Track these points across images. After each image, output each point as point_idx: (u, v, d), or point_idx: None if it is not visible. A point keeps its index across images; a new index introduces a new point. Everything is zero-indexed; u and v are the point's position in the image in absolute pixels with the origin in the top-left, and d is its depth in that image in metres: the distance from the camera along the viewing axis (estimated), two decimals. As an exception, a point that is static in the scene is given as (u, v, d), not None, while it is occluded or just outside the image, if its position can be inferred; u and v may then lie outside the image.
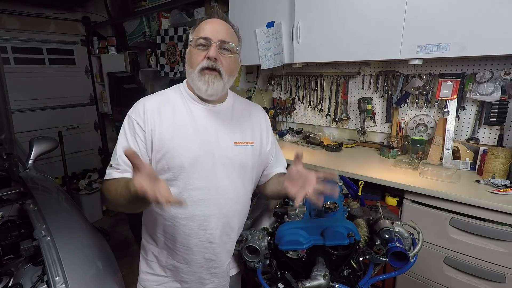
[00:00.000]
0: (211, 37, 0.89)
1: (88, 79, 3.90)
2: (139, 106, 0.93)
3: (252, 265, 0.92)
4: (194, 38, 0.92)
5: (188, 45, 0.96)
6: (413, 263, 0.85)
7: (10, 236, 1.22)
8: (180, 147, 0.90)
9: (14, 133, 1.40)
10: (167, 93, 0.99)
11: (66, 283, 1.00)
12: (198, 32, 0.92)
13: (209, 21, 0.92)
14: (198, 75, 0.90)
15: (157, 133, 0.90)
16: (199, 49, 0.90)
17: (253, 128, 1.04)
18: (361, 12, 1.66)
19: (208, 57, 0.88)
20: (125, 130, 0.92)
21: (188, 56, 0.95)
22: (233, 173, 0.97)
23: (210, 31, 0.90)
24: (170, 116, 0.92)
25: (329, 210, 0.90)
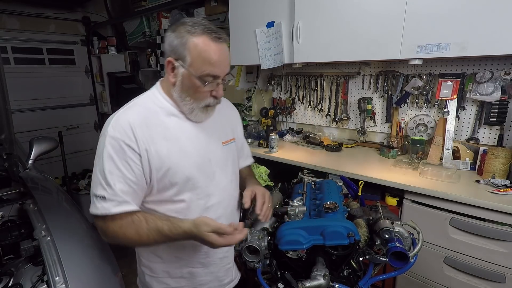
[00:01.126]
0: (221, 75, 0.83)
1: (88, 79, 3.91)
2: (122, 123, 0.80)
3: (252, 265, 0.92)
4: (198, 68, 0.80)
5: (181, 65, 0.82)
6: (413, 263, 0.84)
7: (10, 236, 1.23)
8: (180, 160, 0.86)
9: (14, 133, 1.40)
10: (145, 104, 0.87)
11: (66, 283, 1.00)
12: (204, 63, 0.80)
13: (218, 50, 0.81)
14: (201, 109, 0.87)
15: (153, 151, 0.82)
16: (204, 82, 0.82)
17: (231, 123, 1.06)
18: (361, 12, 1.66)
19: (215, 97, 0.86)
20: (111, 153, 0.79)
21: (184, 82, 0.83)
22: (228, 172, 1.00)
23: (221, 68, 0.82)
24: (160, 130, 0.84)
25: (329, 210, 0.90)
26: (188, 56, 0.80)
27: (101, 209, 0.78)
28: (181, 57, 0.81)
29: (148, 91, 0.92)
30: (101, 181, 0.79)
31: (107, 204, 0.78)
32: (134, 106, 0.86)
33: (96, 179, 0.81)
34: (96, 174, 0.81)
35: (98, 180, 0.80)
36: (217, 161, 0.96)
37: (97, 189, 0.80)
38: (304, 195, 1.03)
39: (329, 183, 1.14)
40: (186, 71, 0.81)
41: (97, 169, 0.81)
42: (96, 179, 0.81)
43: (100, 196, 0.79)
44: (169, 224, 0.80)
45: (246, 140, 2.32)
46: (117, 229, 0.79)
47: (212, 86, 0.84)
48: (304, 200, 0.98)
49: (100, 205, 0.79)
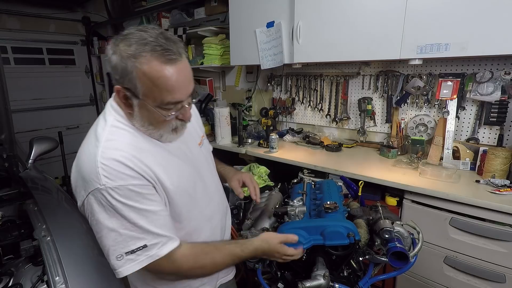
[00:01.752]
0: (184, 98, 0.71)
1: (88, 79, 3.91)
2: (114, 166, 0.67)
3: (252, 265, 0.92)
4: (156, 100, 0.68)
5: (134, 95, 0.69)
6: (413, 263, 0.84)
7: (10, 236, 1.22)
8: (180, 180, 0.80)
9: (14, 133, 1.41)
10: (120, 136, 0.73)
11: (66, 283, 1.00)
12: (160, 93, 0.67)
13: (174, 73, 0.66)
14: (168, 132, 0.77)
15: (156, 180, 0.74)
16: (166, 110, 0.70)
17: (196, 119, 1.00)
18: (361, 12, 1.66)
19: (182, 120, 0.76)
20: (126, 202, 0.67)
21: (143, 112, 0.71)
22: (212, 170, 1.00)
23: (182, 91, 0.70)
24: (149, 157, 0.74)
25: (329, 210, 0.90)
26: (139, 85, 0.67)
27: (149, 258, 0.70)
28: (131, 86, 0.67)
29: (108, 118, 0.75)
30: (131, 235, 0.69)
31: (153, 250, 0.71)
32: (110, 143, 0.70)
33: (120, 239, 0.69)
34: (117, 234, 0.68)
35: (125, 238, 0.69)
36: (202, 165, 0.93)
37: (130, 245, 0.69)
38: (304, 195, 1.03)
39: (329, 183, 1.14)
40: (141, 101, 0.69)
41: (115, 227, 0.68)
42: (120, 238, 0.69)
43: (138, 248, 0.69)
44: (239, 246, 0.83)
45: (245, 141, 2.35)
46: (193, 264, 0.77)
47: (176, 111, 0.73)
48: (304, 200, 0.98)
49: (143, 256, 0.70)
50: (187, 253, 0.77)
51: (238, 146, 2.27)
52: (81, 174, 0.69)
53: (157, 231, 0.71)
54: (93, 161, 0.67)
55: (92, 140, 0.73)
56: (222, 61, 2.65)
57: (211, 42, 2.62)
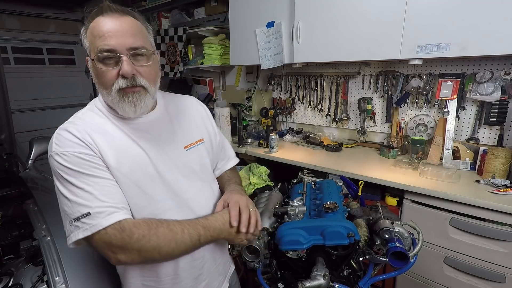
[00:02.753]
0: (117, 47, 0.70)
1: (88, 79, 3.90)
2: (65, 136, 0.71)
3: (252, 265, 0.92)
4: (93, 49, 0.71)
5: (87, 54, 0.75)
6: (413, 263, 0.84)
7: (10, 236, 1.22)
8: (132, 172, 0.75)
9: (14, 133, 1.41)
10: (85, 117, 0.77)
11: (66, 283, 1.00)
12: (95, 40, 0.70)
13: (105, 21, 0.70)
14: (118, 97, 0.73)
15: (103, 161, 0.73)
16: (106, 64, 0.71)
17: (196, 123, 0.94)
18: (361, 12, 1.66)
19: (123, 76, 0.72)
20: (72, 168, 0.68)
21: (93, 72, 0.75)
22: (196, 179, 0.89)
23: (114, 38, 0.70)
24: (104, 138, 0.74)
25: (329, 210, 0.90)
26: (87, 44, 0.74)
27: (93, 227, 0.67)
28: (87, 50, 0.75)
29: (91, 101, 0.84)
30: (77, 201, 0.68)
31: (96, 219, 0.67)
32: (74, 120, 0.77)
33: (70, 205, 0.68)
34: (66, 200, 0.69)
35: (73, 204, 0.68)
36: (180, 168, 0.84)
37: (74, 212, 0.68)
38: (304, 195, 1.03)
39: (329, 183, 1.14)
40: (91, 60, 0.74)
41: (65, 192, 0.69)
42: (70, 204, 0.68)
43: (82, 216, 0.67)
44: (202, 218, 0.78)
45: (245, 141, 2.34)
46: (145, 232, 0.69)
47: (114, 63, 0.72)
48: (304, 200, 0.98)
49: (87, 225, 0.67)
50: (138, 222, 0.71)
51: (238, 146, 2.27)
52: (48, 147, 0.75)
53: (103, 199, 0.69)
54: (55, 133, 0.74)
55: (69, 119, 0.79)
56: (222, 61, 2.65)
57: (211, 42, 2.62)
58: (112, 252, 0.70)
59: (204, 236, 0.76)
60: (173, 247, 0.72)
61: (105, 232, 0.68)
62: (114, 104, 0.75)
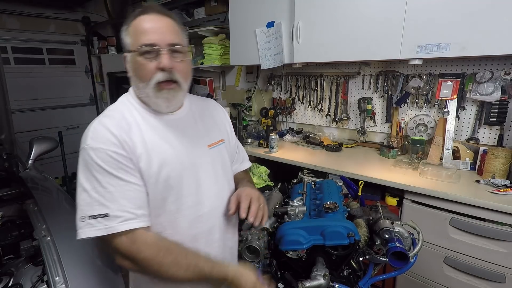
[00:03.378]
0: (159, 42, 0.76)
1: (88, 79, 3.91)
2: (101, 132, 0.73)
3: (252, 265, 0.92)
4: (135, 44, 0.77)
5: (125, 50, 0.81)
6: (413, 263, 0.85)
7: (10, 236, 1.22)
8: (162, 168, 0.78)
9: (14, 133, 1.41)
10: (119, 111, 0.80)
11: (66, 283, 1.00)
12: (137, 35, 0.76)
13: (149, 19, 0.77)
14: (154, 91, 0.78)
15: (137, 158, 0.75)
16: (147, 58, 0.76)
17: (218, 124, 1.00)
18: (361, 12, 1.66)
19: (162, 69, 0.76)
20: (102, 166, 0.70)
21: (132, 65, 0.79)
22: (218, 177, 0.92)
23: (156, 34, 0.76)
24: (138, 135, 0.77)
25: (329, 210, 0.90)
26: (128, 40, 0.79)
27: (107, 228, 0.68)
28: (127, 45, 0.80)
29: (123, 95, 0.86)
30: (98, 199, 0.69)
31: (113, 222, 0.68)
32: (108, 113, 0.79)
33: (89, 200, 0.69)
34: (87, 195, 0.70)
35: (93, 200, 0.69)
36: (203, 166, 0.88)
37: (92, 209, 0.69)
38: (304, 195, 1.03)
39: (329, 183, 1.14)
40: (130, 53, 0.79)
41: (88, 187, 0.70)
42: (89, 200, 0.69)
43: (100, 215, 0.68)
44: (210, 264, 0.73)
45: (245, 141, 2.34)
46: (153, 257, 0.70)
47: (154, 57, 0.76)
48: (304, 200, 0.98)
49: (102, 224, 0.68)
50: (150, 241, 0.72)
51: (238, 146, 2.27)
52: (82, 138, 0.76)
53: (124, 203, 0.70)
54: (91, 125, 0.75)
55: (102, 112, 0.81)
56: (222, 61, 2.65)
57: (211, 42, 2.62)
58: (117, 255, 0.72)
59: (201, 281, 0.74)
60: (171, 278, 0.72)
61: (116, 237, 0.69)
62: (149, 98, 0.80)
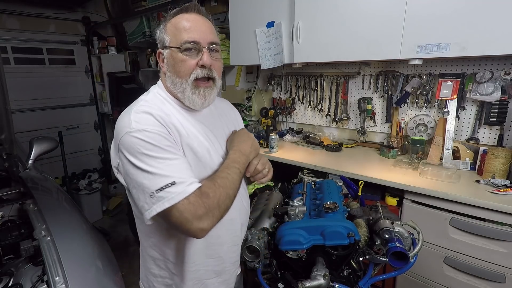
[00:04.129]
0: (201, 40, 0.80)
1: (88, 79, 3.90)
2: (145, 116, 0.75)
3: (252, 265, 0.92)
4: (176, 41, 0.80)
5: (163, 47, 0.83)
6: (413, 263, 0.85)
7: (10, 236, 1.22)
8: (204, 158, 0.82)
9: (14, 133, 1.41)
10: (154, 103, 0.82)
11: (66, 283, 1.00)
12: (179, 33, 0.80)
13: (190, 18, 0.81)
14: (191, 87, 0.81)
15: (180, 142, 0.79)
16: (187, 54, 0.79)
17: (233, 122, 1.04)
18: (361, 12, 1.66)
19: (203, 65, 0.80)
20: (154, 143, 0.71)
21: (170, 61, 0.82)
22: None
23: (198, 32, 0.80)
24: (178, 126, 0.80)
25: (329, 210, 0.90)
26: (167, 36, 0.82)
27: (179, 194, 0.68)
28: (164, 42, 0.83)
29: (152, 89, 0.89)
30: (159, 173, 0.69)
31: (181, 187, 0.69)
32: (145, 103, 0.80)
33: (151, 177, 0.69)
34: (146, 173, 0.70)
35: (154, 176, 0.69)
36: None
37: (159, 182, 0.69)
38: (304, 195, 1.03)
39: (329, 183, 1.14)
40: (169, 50, 0.82)
41: (144, 166, 0.70)
42: (151, 176, 0.69)
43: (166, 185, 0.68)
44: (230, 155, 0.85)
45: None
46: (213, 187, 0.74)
47: (195, 54, 0.80)
48: (304, 200, 0.98)
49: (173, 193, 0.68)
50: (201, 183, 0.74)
51: (238, 146, 2.27)
52: (117, 131, 0.76)
53: (182, 172, 0.72)
54: (128, 114, 0.75)
55: (133, 103, 0.82)
56: (222, 61, 2.65)
57: (211, 42, 2.62)
58: (197, 220, 0.70)
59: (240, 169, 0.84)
60: (233, 188, 0.79)
61: (188, 201, 0.69)
62: (184, 93, 0.82)
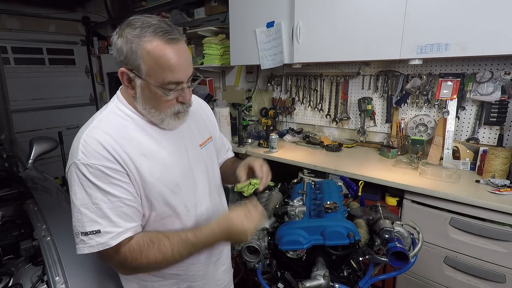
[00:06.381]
0: (184, 79, 0.73)
1: (88, 79, 3.91)
2: (93, 146, 0.69)
3: (252, 265, 0.92)
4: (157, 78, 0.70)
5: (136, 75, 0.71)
6: (413, 263, 0.84)
7: (10, 236, 1.22)
8: (163, 175, 0.78)
9: (14, 133, 1.41)
10: (111, 120, 0.76)
11: (66, 283, 1.00)
12: (162, 71, 0.70)
13: (174, 52, 0.70)
14: (171, 117, 0.78)
15: (134, 170, 0.74)
16: (167, 90, 0.72)
17: (205, 121, 1.00)
18: (361, 12, 1.66)
19: (183, 102, 0.77)
20: (94, 182, 0.68)
21: (146, 94, 0.73)
22: (210, 175, 0.96)
23: (182, 72, 0.72)
24: (135, 145, 0.75)
25: (329, 210, 0.90)
26: (142, 65, 0.69)
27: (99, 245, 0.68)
28: (135, 66, 0.70)
29: (110, 103, 0.81)
30: (89, 216, 0.69)
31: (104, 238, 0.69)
32: (99, 124, 0.74)
33: (80, 217, 0.69)
34: (78, 212, 0.69)
35: (84, 217, 0.69)
36: (198, 166, 0.90)
37: (86, 226, 0.68)
38: (304, 195, 1.03)
39: (329, 183, 1.14)
40: (143, 82, 0.72)
41: (78, 204, 0.69)
42: (80, 216, 0.69)
43: (92, 232, 0.69)
44: (193, 232, 0.76)
45: (245, 141, 2.35)
46: (138, 256, 0.71)
47: (177, 93, 0.75)
48: (304, 200, 0.98)
49: (94, 241, 0.68)
50: (133, 243, 0.72)
51: (238, 146, 2.27)
52: (71, 149, 0.74)
53: (115, 220, 0.70)
54: (79, 138, 0.72)
55: (88, 121, 0.78)
56: (222, 61, 2.65)
57: (211, 42, 2.62)
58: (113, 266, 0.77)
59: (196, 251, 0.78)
60: (164, 266, 0.76)
61: (106, 252, 0.70)
62: (159, 121, 0.78)
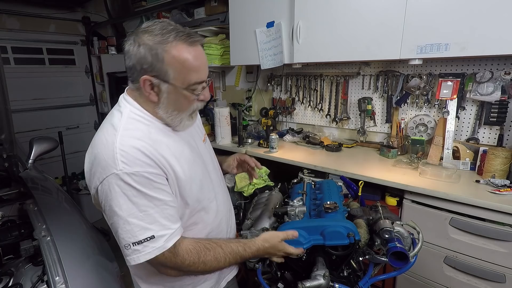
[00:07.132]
0: (205, 77, 0.79)
1: (88, 79, 3.90)
2: (133, 153, 0.71)
3: (252, 265, 0.92)
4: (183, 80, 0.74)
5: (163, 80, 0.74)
6: (413, 263, 0.85)
7: (10, 236, 1.23)
8: (192, 173, 0.83)
9: (14, 133, 1.41)
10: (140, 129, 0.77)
11: (66, 283, 1.00)
12: (188, 73, 0.74)
13: (196, 54, 0.75)
14: (188, 117, 0.83)
15: (171, 171, 0.77)
16: (193, 91, 0.77)
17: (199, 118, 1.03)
18: (361, 12, 1.66)
19: (203, 100, 0.82)
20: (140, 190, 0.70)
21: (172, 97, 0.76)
22: (216, 167, 1.04)
23: (204, 71, 0.78)
24: (164, 148, 0.77)
25: (329, 210, 0.90)
26: (170, 70, 0.72)
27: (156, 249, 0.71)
28: (161, 72, 0.73)
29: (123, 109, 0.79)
30: (139, 224, 0.70)
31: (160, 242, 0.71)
32: (128, 132, 0.74)
33: (129, 227, 0.70)
34: (126, 222, 0.70)
35: (134, 227, 0.70)
36: (207, 160, 0.97)
37: (138, 235, 0.70)
38: (304, 195, 1.03)
39: (329, 183, 1.14)
40: (171, 86, 0.75)
41: (125, 215, 0.69)
42: (129, 227, 0.70)
43: (145, 239, 0.70)
44: (242, 245, 0.84)
45: (245, 141, 2.35)
46: (196, 259, 0.77)
47: (200, 91, 0.80)
48: (304, 200, 0.98)
49: (150, 247, 0.71)
50: (190, 247, 0.78)
51: (238, 146, 2.27)
52: (98, 161, 0.71)
53: (165, 222, 0.73)
54: (111, 148, 0.70)
55: (109, 130, 0.76)
56: (222, 61, 2.65)
57: (211, 42, 2.62)
58: (165, 269, 0.78)
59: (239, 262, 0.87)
60: (214, 270, 0.84)
61: (162, 255, 0.73)
62: (178, 122, 0.81)
